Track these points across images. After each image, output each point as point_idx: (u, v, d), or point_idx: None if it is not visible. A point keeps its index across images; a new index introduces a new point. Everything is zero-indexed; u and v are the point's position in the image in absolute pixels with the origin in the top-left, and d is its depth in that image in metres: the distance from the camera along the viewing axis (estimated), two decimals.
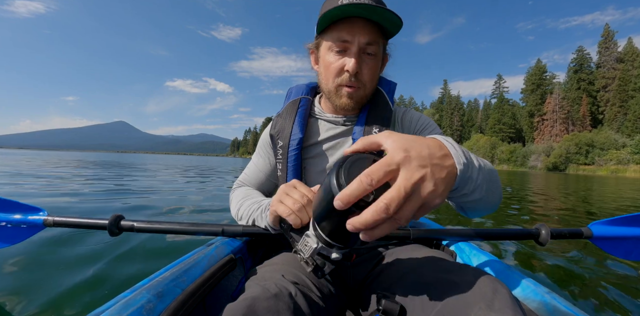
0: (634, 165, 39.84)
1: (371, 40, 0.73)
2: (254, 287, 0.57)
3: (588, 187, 10.59)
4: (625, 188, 10.59)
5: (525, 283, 0.61)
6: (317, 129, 0.89)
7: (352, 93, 0.79)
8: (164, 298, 0.55)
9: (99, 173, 8.23)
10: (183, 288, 0.60)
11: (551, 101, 61.30)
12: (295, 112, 0.88)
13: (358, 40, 0.73)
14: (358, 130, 0.83)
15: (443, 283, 0.54)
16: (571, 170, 46.01)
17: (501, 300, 0.46)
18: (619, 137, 45.91)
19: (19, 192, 4.16)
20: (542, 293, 0.57)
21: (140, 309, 0.50)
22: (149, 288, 0.56)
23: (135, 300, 0.52)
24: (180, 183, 6.55)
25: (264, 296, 0.53)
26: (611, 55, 58.07)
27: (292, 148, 0.84)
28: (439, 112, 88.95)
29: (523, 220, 3.60)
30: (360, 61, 0.75)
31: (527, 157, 55.59)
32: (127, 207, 3.44)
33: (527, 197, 6.19)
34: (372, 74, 0.78)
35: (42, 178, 6.11)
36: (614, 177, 30.06)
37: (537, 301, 0.56)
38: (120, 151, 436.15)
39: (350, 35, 0.73)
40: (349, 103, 0.80)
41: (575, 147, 47.26)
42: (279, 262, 0.72)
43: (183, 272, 0.65)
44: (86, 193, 4.30)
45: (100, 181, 6.14)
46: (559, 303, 0.54)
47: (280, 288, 0.57)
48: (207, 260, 0.74)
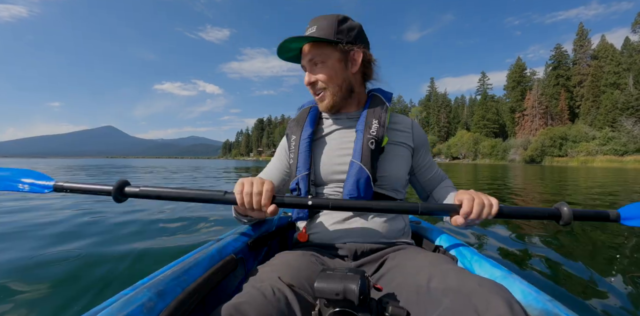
0: (600, 156, 43.07)
1: (313, 55, 0.90)
2: (248, 289, 0.59)
3: (561, 178, 10.99)
4: (596, 177, 11.31)
5: (527, 290, 0.60)
6: (324, 126, 1.02)
7: (320, 98, 0.95)
8: (164, 297, 0.55)
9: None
10: (184, 288, 0.60)
11: (530, 97, 64.45)
12: (306, 115, 1.01)
13: (305, 60, 0.92)
14: (361, 121, 0.93)
15: (447, 288, 0.54)
16: (546, 162, 49.10)
17: (506, 307, 0.46)
18: (590, 129, 49.00)
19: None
20: (544, 301, 0.56)
21: (140, 307, 0.50)
22: (149, 287, 0.56)
23: (135, 298, 0.52)
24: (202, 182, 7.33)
25: (257, 299, 0.54)
26: (585, 53, 61.44)
27: (304, 138, 0.95)
28: (426, 110, 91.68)
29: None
30: (311, 73, 0.93)
31: (507, 151, 58.81)
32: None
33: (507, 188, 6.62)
34: (326, 75, 0.91)
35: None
36: (583, 167, 32.71)
37: (539, 309, 0.55)
38: (108, 157, 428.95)
39: (303, 59, 0.94)
40: (324, 105, 0.95)
41: (549, 140, 50.39)
42: (279, 263, 0.74)
43: (184, 271, 0.65)
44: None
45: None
46: (561, 311, 0.53)
47: (276, 291, 0.58)
48: (209, 259, 0.74)
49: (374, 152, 0.88)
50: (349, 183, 0.87)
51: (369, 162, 0.86)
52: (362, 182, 0.86)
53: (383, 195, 0.92)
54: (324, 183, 0.94)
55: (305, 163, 0.92)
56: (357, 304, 0.54)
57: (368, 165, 0.86)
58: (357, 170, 0.86)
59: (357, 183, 0.86)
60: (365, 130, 0.90)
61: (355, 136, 0.92)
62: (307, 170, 0.91)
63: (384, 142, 0.90)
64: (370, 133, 0.89)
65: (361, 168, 0.86)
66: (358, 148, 0.88)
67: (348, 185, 0.87)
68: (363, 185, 0.86)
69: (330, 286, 0.55)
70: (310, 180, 0.92)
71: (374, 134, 0.89)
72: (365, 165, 0.86)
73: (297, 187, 0.93)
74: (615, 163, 38.47)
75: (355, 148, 0.89)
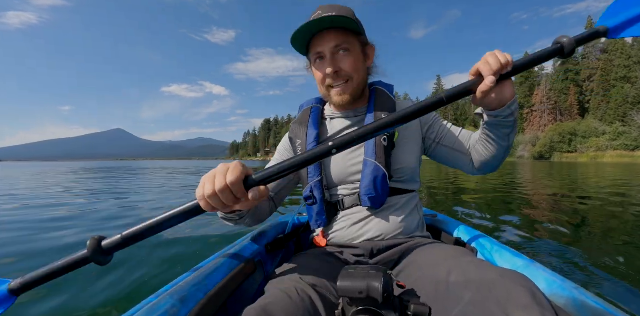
0: (611, 151, 42.56)
1: (339, 42, 0.84)
2: (272, 290, 0.59)
3: (571, 174, 10.58)
4: (605, 174, 10.94)
5: (551, 279, 0.59)
6: (330, 127, 0.98)
7: (342, 90, 0.88)
8: (187, 303, 0.56)
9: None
10: (205, 293, 0.62)
11: (539, 93, 63.74)
12: (308, 116, 0.98)
13: (328, 47, 0.84)
14: (369, 117, 0.89)
15: (467, 281, 0.53)
16: (556, 158, 48.52)
17: (529, 297, 0.44)
18: (600, 124, 48.37)
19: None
20: (569, 289, 0.55)
21: (165, 314, 0.51)
22: (172, 293, 0.57)
23: (159, 305, 0.53)
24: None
25: (282, 300, 0.55)
26: (595, 46, 60.48)
27: (310, 142, 0.92)
28: None
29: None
30: (335, 60, 0.85)
31: (515, 148, 58.13)
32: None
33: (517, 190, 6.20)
34: (352, 64, 0.86)
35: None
36: (593, 162, 32.37)
37: (565, 297, 0.53)
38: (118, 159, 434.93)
39: (322, 46, 0.85)
40: (343, 99, 0.89)
41: (558, 136, 49.88)
42: (298, 265, 0.74)
43: (205, 277, 0.66)
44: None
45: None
46: (588, 298, 0.52)
47: (299, 291, 0.59)
48: (228, 264, 0.75)
49: (387, 148, 0.87)
50: (365, 183, 0.85)
51: (384, 159, 0.85)
52: (380, 180, 0.85)
53: (399, 189, 0.90)
54: (338, 185, 0.92)
55: (316, 169, 0.90)
56: (381, 302, 0.53)
57: (383, 163, 0.84)
58: (372, 168, 0.85)
59: (374, 181, 0.84)
60: None
61: None
62: (319, 175, 0.90)
63: (395, 136, 0.89)
64: None
65: (377, 166, 0.84)
66: (371, 146, 0.87)
67: (364, 185, 0.85)
68: (380, 183, 0.85)
69: (353, 285, 0.54)
70: (323, 185, 0.90)
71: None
72: (381, 163, 0.84)
73: (312, 195, 0.90)
74: (626, 159, 38.08)
75: (367, 146, 0.88)
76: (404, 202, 0.90)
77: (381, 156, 0.85)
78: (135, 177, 11.18)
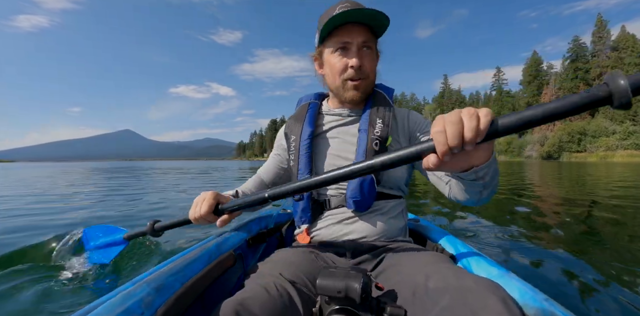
0: (621, 151, 41.95)
1: (366, 39, 0.85)
2: (251, 285, 0.59)
3: (581, 174, 10.10)
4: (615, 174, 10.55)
5: (523, 289, 0.60)
6: (324, 123, 0.98)
7: (358, 85, 0.88)
8: (162, 292, 0.56)
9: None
10: (182, 283, 0.61)
11: (548, 91, 62.93)
12: (305, 112, 0.98)
13: (357, 40, 0.84)
14: (364, 120, 0.89)
15: (444, 287, 0.54)
16: (564, 157, 47.89)
17: (501, 306, 0.45)
18: (610, 124, 47.53)
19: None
20: (540, 300, 0.56)
21: (139, 302, 0.51)
22: (148, 282, 0.56)
23: (134, 292, 0.52)
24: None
25: (261, 295, 0.55)
26: (605, 44, 59.50)
27: (304, 139, 0.92)
28: (440, 107, 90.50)
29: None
30: (361, 56, 0.86)
31: (523, 147, 57.69)
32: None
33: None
34: (372, 65, 0.88)
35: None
36: (603, 162, 31.86)
37: (536, 307, 0.54)
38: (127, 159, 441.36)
39: (350, 37, 0.84)
40: (356, 95, 0.89)
41: (567, 135, 49.17)
42: (279, 260, 0.74)
43: (183, 267, 0.65)
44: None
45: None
46: (557, 310, 0.53)
47: (278, 287, 0.59)
48: (208, 255, 0.75)
49: (378, 153, 0.85)
50: (352, 186, 0.85)
51: None
52: (366, 184, 0.85)
53: (386, 194, 0.91)
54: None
55: (307, 167, 0.91)
56: (359, 302, 0.54)
57: None
58: None
59: (360, 186, 0.84)
60: (369, 130, 0.88)
61: (359, 136, 0.90)
62: (309, 173, 0.90)
63: (388, 141, 0.89)
64: (374, 134, 0.87)
65: None
66: (362, 150, 0.87)
67: (351, 188, 0.85)
68: (367, 187, 0.85)
69: (332, 284, 0.55)
70: None
71: (378, 134, 0.87)
72: None
73: None
74: (637, 158, 37.52)
75: (358, 150, 0.88)
76: (390, 207, 0.91)
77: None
78: (149, 176, 11.50)
